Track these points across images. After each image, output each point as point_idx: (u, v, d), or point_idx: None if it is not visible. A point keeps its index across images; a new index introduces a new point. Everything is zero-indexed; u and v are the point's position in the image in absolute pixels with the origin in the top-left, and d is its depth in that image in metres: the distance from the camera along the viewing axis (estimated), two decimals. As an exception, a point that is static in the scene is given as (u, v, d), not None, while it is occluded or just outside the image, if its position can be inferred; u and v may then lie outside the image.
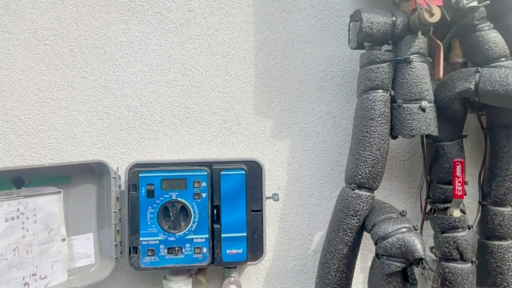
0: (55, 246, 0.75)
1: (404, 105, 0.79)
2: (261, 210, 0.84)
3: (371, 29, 0.78)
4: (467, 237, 0.84)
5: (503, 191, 0.85)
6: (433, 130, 0.80)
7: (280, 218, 0.93)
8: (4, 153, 0.81)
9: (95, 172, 0.81)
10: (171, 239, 0.79)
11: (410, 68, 0.79)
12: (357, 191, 0.80)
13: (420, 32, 0.80)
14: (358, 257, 0.84)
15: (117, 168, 0.81)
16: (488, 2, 0.76)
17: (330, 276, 0.81)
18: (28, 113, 0.82)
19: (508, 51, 0.81)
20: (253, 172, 0.84)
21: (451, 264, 0.84)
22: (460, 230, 0.84)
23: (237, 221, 0.82)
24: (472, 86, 0.79)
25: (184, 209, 0.80)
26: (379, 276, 0.74)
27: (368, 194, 0.81)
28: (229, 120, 0.90)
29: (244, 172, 0.82)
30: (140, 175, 0.78)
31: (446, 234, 0.85)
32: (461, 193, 0.81)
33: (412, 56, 0.78)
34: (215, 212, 0.81)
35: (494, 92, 0.77)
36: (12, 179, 0.73)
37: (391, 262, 0.72)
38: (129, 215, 0.79)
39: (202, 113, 0.89)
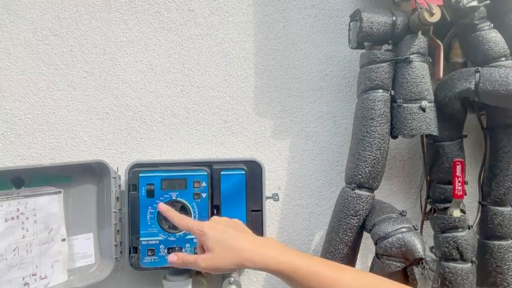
0: (55, 246, 0.75)
1: (404, 105, 0.79)
2: (261, 210, 0.84)
3: (371, 28, 0.78)
4: (467, 237, 0.84)
5: (503, 190, 0.85)
6: (433, 130, 0.80)
7: (280, 218, 0.93)
8: (4, 153, 0.81)
9: (95, 172, 0.81)
10: (171, 239, 0.79)
11: (411, 67, 0.79)
12: (357, 190, 0.80)
13: (420, 31, 0.79)
14: (358, 257, 0.84)
15: (117, 168, 0.81)
16: (489, 1, 0.76)
17: (330, 276, 0.81)
18: (28, 113, 0.82)
19: (508, 50, 0.81)
20: (253, 172, 0.84)
21: (451, 264, 0.84)
22: (460, 230, 0.84)
23: (237, 221, 0.81)
24: (472, 86, 0.79)
25: (184, 209, 0.80)
26: (379, 276, 0.74)
27: (368, 193, 0.81)
28: (229, 120, 0.90)
29: (244, 172, 0.82)
30: (140, 175, 0.78)
31: (446, 234, 0.85)
32: (461, 193, 0.81)
33: (412, 56, 0.78)
34: (215, 212, 0.81)
35: (494, 92, 0.77)
36: (12, 179, 0.72)
37: (391, 262, 0.72)
38: (129, 215, 0.79)
39: (202, 113, 0.89)
